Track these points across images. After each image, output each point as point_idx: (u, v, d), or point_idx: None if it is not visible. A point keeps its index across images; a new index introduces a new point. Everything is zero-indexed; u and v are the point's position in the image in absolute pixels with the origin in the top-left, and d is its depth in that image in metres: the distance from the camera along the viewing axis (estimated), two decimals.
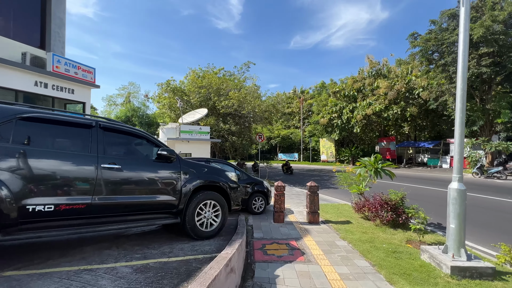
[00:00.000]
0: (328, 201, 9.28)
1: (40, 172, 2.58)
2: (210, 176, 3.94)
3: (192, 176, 3.70)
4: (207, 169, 4.02)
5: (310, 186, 6.14)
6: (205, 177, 3.86)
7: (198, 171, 3.85)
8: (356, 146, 32.83)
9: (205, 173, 3.92)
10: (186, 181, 3.60)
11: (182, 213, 3.57)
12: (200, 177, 3.78)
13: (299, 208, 7.81)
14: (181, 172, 3.61)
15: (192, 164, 3.87)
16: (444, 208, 4.24)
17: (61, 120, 2.91)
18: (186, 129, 13.16)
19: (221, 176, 4.13)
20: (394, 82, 23.99)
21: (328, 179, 17.03)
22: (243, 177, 6.79)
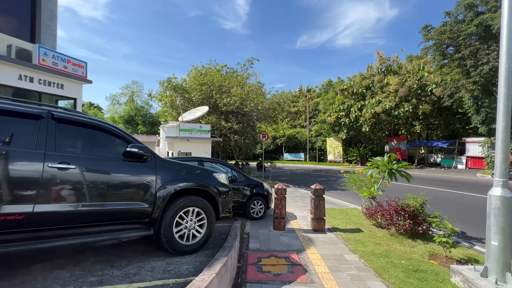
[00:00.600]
0: (336, 204, 8.53)
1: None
2: (193, 178, 3.31)
3: (170, 178, 3.08)
4: (190, 170, 3.40)
5: (314, 189, 5.44)
6: (187, 180, 3.23)
7: (179, 172, 3.23)
8: (364, 146, 31.71)
9: (187, 174, 3.30)
10: (162, 184, 2.98)
11: (156, 223, 2.95)
12: (180, 180, 3.16)
13: (303, 212, 7.11)
14: (157, 173, 2.99)
15: (171, 164, 3.25)
16: (467, 213, 3.49)
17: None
18: (186, 127, 12.62)
19: (208, 178, 3.50)
20: (405, 78, 22.84)
21: (335, 180, 16.21)
22: (240, 179, 6.15)
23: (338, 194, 10.96)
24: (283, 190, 5.40)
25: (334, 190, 12.30)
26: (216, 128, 15.46)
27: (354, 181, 6.96)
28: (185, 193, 3.28)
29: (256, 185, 6.29)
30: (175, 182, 3.09)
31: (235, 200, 5.95)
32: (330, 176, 19.02)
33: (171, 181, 3.06)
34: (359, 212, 7.01)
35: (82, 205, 2.48)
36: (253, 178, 6.54)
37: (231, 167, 6.26)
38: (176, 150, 12.54)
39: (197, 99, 15.98)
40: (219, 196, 3.53)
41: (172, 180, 3.08)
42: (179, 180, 3.15)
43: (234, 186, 5.98)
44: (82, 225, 2.54)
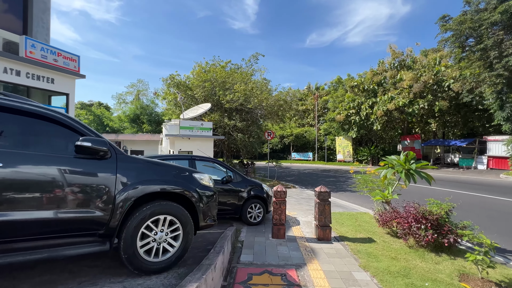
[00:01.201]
0: (345, 207, 7.78)
1: None
2: (166, 180, 2.72)
3: (135, 179, 2.50)
4: (163, 170, 2.81)
5: (319, 192, 4.75)
6: (159, 182, 2.64)
7: (147, 172, 2.64)
8: (375, 145, 30.41)
9: (159, 175, 2.71)
10: (125, 187, 2.40)
11: (114, 235, 2.38)
12: (149, 181, 2.57)
13: (307, 217, 6.41)
14: (118, 173, 2.41)
15: (139, 162, 2.67)
16: (501, 221, 2.72)
17: None
18: (186, 125, 12.14)
19: (186, 179, 2.90)
20: (420, 73, 21.49)
21: (344, 181, 15.34)
22: (237, 179, 5.53)
23: (348, 196, 10.16)
24: (283, 193, 4.74)
25: (343, 192, 11.49)
26: (219, 126, 14.93)
27: (365, 183, 6.20)
28: (158, 198, 2.70)
29: (254, 187, 5.66)
30: (142, 184, 2.51)
31: (230, 203, 5.36)
32: (339, 176, 18.13)
33: (137, 183, 2.48)
34: (370, 217, 6.24)
35: (10, 214, 1.93)
36: (251, 179, 5.91)
37: (226, 166, 5.66)
38: (177, 148, 12.09)
39: (200, 96, 15.50)
40: (200, 201, 2.92)
41: (138, 182, 2.49)
42: (148, 182, 2.56)
43: (229, 188, 5.38)
44: (10, 239, 1.98)
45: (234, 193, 5.39)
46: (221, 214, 5.36)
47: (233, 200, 5.37)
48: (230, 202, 5.34)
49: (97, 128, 27.41)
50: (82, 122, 2.55)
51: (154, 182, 2.60)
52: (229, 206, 5.32)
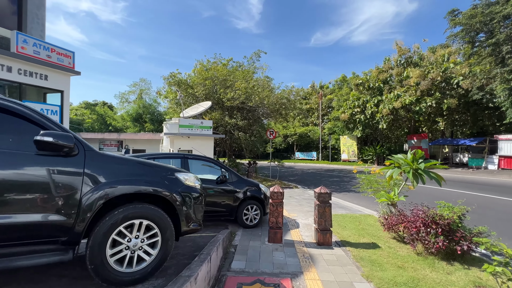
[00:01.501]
0: (348, 209, 7.40)
1: None
2: (143, 180, 2.43)
3: (107, 179, 2.23)
4: (141, 169, 2.53)
5: (319, 193, 4.41)
6: (135, 182, 2.36)
7: (121, 171, 2.36)
8: (381, 145, 29.73)
9: (135, 174, 2.43)
10: (93, 188, 2.13)
11: (79, 243, 2.10)
12: (123, 181, 2.29)
13: (308, 219, 6.07)
14: (86, 172, 2.14)
15: (112, 160, 2.39)
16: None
17: None
18: (186, 123, 11.90)
19: (166, 179, 2.61)
20: (428, 70, 20.80)
21: (348, 181, 14.91)
22: (232, 179, 5.23)
23: (351, 197, 9.77)
24: (280, 194, 4.42)
25: (347, 192, 11.09)
26: (220, 125, 14.67)
27: (369, 183, 5.83)
28: (136, 200, 2.43)
29: (250, 187, 5.35)
30: (113, 185, 2.22)
31: (224, 204, 5.06)
32: (343, 176, 17.69)
33: (107, 184, 2.20)
34: (374, 220, 5.87)
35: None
36: (247, 179, 5.60)
37: (221, 165, 5.37)
38: (176, 147, 11.87)
39: (201, 95, 15.26)
40: (183, 204, 2.63)
41: (109, 183, 2.21)
42: (121, 182, 2.28)
43: (224, 188, 5.08)
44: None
45: (228, 194, 5.09)
46: (215, 216, 5.08)
47: (228, 201, 5.07)
48: (224, 203, 5.05)
49: (100, 127, 27.49)
50: (47, 115, 2.28)
51: (128, 183, 2.31)
52: (223, 208, 5.03)
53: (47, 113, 7.26)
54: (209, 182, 5.00)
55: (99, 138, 21.69)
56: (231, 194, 5.11)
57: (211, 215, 5.00)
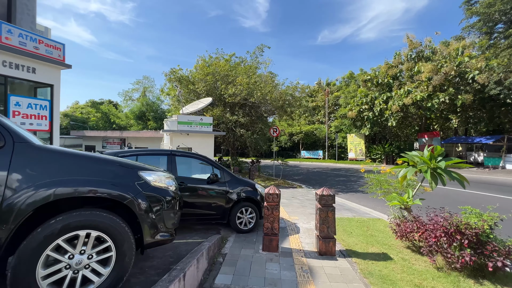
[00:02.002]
0: (355, 211, 6.79)
1: None
2: (89, 180, 1.94)
3: (41, 179, 1.75)
4: (92, 165, 2.03)
5: (320, 195, 3.85)
6: (75, 182, 1.87)
7: (64, 169, 1.88)
8: (390, 143, 28.70)
9: (81, 173, 1.93)
10: (20, 191, 1.65)
11: None
12: (60, 182, 1.81)
13: (310, 223, 5.51)
14: (11, 170, 1.66)
15: (50, 155, 1.90)
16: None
17: None
18: (184, 120, 11.47)
19: (125, 178, 2.11)
20: (441, 64, 19.72)
21: (356, 181, 14.21)
22: (224, 178, 4.72)
23: (359, 198, 9.13)
24: (276, 196, 3.88)
25: (354, 193, 10.44)
26: (221, 122, 14.19)
27: (378, 184, 5.21)
28: (88, 204, 1.95)
29: (245, 188, 4.82)
30: (48, 186, 1.74)
31: (215, 206, 4.56)
32: (350, 176, 16.97)
33: (40, 186, 1.72)
34: (385, 225, 5.26)
35: None
36: (243, 178, 5.08)
37: (213, 163, 4.86)
38: (175, 145, 11.47)
39: (202, 91, 14.82)
40: (148, 210, 2.13)
41: (43, 184, 1.73)
42: (60, 183, 1.79)
43: (215, 188, 4.58)
44: None
45: (220, 195, 4.59)
46: (204, 219, 4.58)
47: (220, 202, 4.56)
48: (215, 205, 4.54)
49: (104, 125, 27.49)
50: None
51: (70, 184, 1.82)
52: (213, 210, 4.53)
53: (35, 108, 6.93)
54: (199, 182, 4.51)
55: (102, 136, 21.60)
56: (223, 195, 4.60)
57: (200, 218, 4.51)
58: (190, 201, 4.37)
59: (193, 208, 4.40)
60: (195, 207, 4.42)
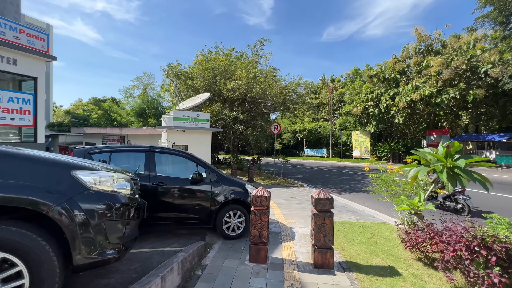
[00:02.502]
0: (358, 214, 6.22)
1: None
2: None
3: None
4: (4, 163, 1.54)
5: (316, 198, 3.32)
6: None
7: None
8: (396, 141, 27.81)
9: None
10: None
11: None
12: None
13: (308, 227, 4.98)
14: None
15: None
16: None
17: None
18: (180, 116, 11.01)
19: (49, 180, 1.62)
20: (452, 58, 18.77)
21: (360, 180, 13.58)
22: (210, 178, 4.22)
23: (362, 199, 8.55)
24: (264, 199, 3.36)
25: (358, 193, 9.85)
26: (220, 118, 13.70)
27: (385, 185, 4.64)
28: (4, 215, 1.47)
29: (234, 188, 4.32)
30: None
31: (200, 209, 4.07)
32: (355, 174, 16.32)
33: None
34: (391, 231, 4.69)
35: None
36: (232, 178, 4.57)
37: (198, 161, 4.36)
38: (170, 142, 11.04)
39: (200, 86, 14.34)
40: (84, 221, 1.63)
41: None
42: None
43: (200, 189, 4.09)
44: None
45: (205, 196, 4.09)
46: (187, 224, 4.10)
47: (204, 205, 4.07)
48: (199, 208, 4.05)
49: (106, 122, 27.35)
50: None
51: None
52: (197, 214, 4.04)
53: (17, 102, 6.54)
54: (180, 182, 4.02)
55: (102, 133, 21.37)
56: (208, 197, 4.11)
57: (181, 223, 4.03)
58: (170, 203, 3.89)
59: (173, 212, 3.93)
60: (176, 211, 3.94)
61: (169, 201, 3.88)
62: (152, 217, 3.72)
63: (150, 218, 3.63)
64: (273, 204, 7.14)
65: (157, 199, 3.80)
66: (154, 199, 3.76)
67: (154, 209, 3.71)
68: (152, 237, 4.01)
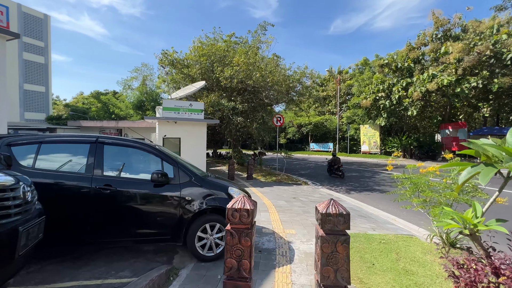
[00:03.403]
0: (373, 220, 5.07)
1: None
2: None
3: None
4: None
5: (324, 214, 2.19)
6: None
7: None
8: (407, 135, 26.20)
9: None
10: None
11: None
12: None
13: (311, 241, 3.87)
14: None
15: None
16: None
17: None
18: (171, 106, 9.95)
19: None
20: (474, 42, 17.02)
21: (370, 177, 12.36)
22: (179, 179, 3.14)
23: (375, 199, 7.38)
24: (246, 214, 2.25)
25: (369, 192, 8.67)
26: (217, 109, 12.60)
27: (415, 189, 3.48)
28: None
29: (212, 193, 3.23)
30: None
31: (163, 221, 3.03)
32: (364, 171, 15.08)
33: None
34: (422, 250, 3.53)
35: None
36: (211, 179, 3.47)
37: (164, 156, 3.27)
38: (161, 134, 10.03)
39: (196, 74, 13.22)
40: None
41: None
42: None
43: (164, 194, 3.03)
44: None
45: (171, 203, 3.03)
46: (143, 241, 3.04)
47: (170, 214, 3.01)
48: (162, 220, 3.00)
49: (104, 115, 26.64)
50: None
51: None
52: (159, 227, 2.99)
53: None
54: (136, 184, 2.97)
55: (99, 127, 20.62)
56: (176, 204, 3.04)
57: (138, 240, 2.98)
58: (120, 213, 2.84)
59: (125, 225, 2.88)
60: (129, 223, 2.90)
61: (119, 210, 2.83)
62: (94, 232, 2.69)
63: (92, 234, 2.61)
64: (270, 206, 6.07)
65: (102, 208, 2.76)
66: (97, 208, 2.72)
67: (96, 221, 2.68)
68: (96, 258, 2.99)
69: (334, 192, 8.76)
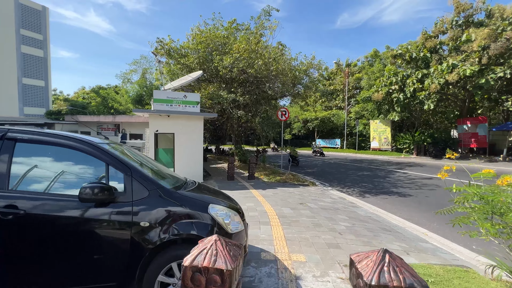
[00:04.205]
0: (399, 236, 3.94)
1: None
2: None
3: None
4: None
5: (375, 287, 1.07)
6: None
7: None
8: (420, 131, 24.66)
9: None
10: None
11: None
12: None
13: (329, 274, 2.79)
14: None
15: None
16: None
17: None
18: (163, 97, 8.93)
19: None
20: (503, 27, 15.37)
21: (384, 176, 11.17)
22: (133, 193, 2.07)
23: (395, 204, 6.23)
24: (221, 278, 1.17)
25: (387, 195, 7.53)
26: (217, 102, 11.52)
27: (489, 212, 2.33)
28: None
29: (185, 213, 2.16)
30: None
31: (107, 259, 1.96)
32: (376, 169, 13.86)
33: None
34: (480, 283, 2.41)
35: None
36: (183, 192, 2.40)
37: (107, 158, 2.20)
38: (153, 129, 9.03)
39: (194, 64, 12.13)
40: None
41: None
42: None
43: (105, 218, 1.96)
44: None
45: (118, 232, 1.98)
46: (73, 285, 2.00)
47: (115, 249, 1.96)
48: (101, 259, 1.95)
49: (103, 110, 25.94)
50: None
51: None
52: (96, 272, 1.95)
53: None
54: (64, 204, 1.92)
55: (96, 122, 19.89)
56: (127, 233, 1.99)
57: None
58: (33, 252, 1.81)
59: (38, 270, 1.85)
60: (45, 266, 1.86)
61: (29, 246, 1.80)
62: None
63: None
64: (273, 216, 5.00)
65: (5, 243, 1.73)
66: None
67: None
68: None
69: (346, 195, 7.65)
